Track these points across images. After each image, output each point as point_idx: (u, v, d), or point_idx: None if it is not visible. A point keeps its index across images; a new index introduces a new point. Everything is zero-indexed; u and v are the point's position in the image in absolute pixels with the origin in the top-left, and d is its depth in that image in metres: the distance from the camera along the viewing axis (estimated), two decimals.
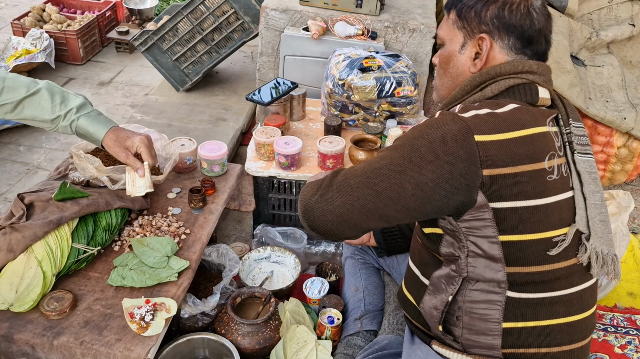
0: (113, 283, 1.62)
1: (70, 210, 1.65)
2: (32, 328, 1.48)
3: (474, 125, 1.12)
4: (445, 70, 1.33)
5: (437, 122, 1.15)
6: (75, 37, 3.73)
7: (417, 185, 1.12)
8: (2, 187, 2.75)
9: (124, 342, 1.46)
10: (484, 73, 1.24)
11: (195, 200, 1.90)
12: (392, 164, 1.15)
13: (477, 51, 1.26)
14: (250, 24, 2.94)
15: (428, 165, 1.11)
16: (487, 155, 1.10)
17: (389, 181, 1.14)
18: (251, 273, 2.07)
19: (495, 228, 1.15)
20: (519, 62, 1.23)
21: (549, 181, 1.16)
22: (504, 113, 1.16)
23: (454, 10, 1.29)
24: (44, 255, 1.56)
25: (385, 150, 1.20)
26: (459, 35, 1.28)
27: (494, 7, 1.23)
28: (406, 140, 1.16)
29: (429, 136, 1.13)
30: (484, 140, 1.11)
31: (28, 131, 3.15)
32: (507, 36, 1.23)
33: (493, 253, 1.18)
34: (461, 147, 1.10)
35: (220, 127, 2.94)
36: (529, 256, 1.18)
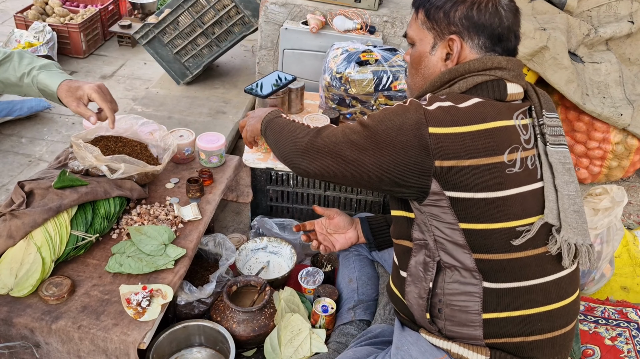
0: (111, 270, 1.65)
1: (69, 198, 1.68)
2: (31, 312, 1.51)
3: (431, 117, 1.17)
4: (416, 70, 1.35)
5: (402, 109, 1.22)
6: (77, 30, 3.76)
7: (375, 163, 1.23)
8: (3, 178, 2.78)
9: (121, 327, 1.49)
10: (453, 70, 1.26)
11: (193, 190, 1.93)
12: (359, 140, 1.25)
13: (447, 51, 1.28)
14: (250, 17, 2.97)
15: (385, 149, 1.21)
16: (439, 147, 1.16)
17: (354, 154, 1.26)
18: (248, 263, 2.10)
19: (454, 216, 1.21)
20: (488, 58, 1.24)
21: (508, 174, 1.19)
22: (466, 107, 1.20)
23: (422, 10, 1.30)
24: (43, 242, 1.59)
25: (360, 124, 1.28)
26: (428, 35, 1.30)
27: (462, 7, 1.24)
28: (374, 120, 1.25)
29: (390, 122, 1.21)
30: (437, 132, 1.16)
31: (30, 123, 3.19)
32: (476, 36, 1.25)
33: (456, 238, 1.24)
34: (414, 137, 1.17)
35: (219, 120, 2.96)
36: (493, 244, 1.22)
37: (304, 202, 2.29)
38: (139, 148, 1.97)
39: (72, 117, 3.29)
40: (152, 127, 2.00)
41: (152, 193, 1.97)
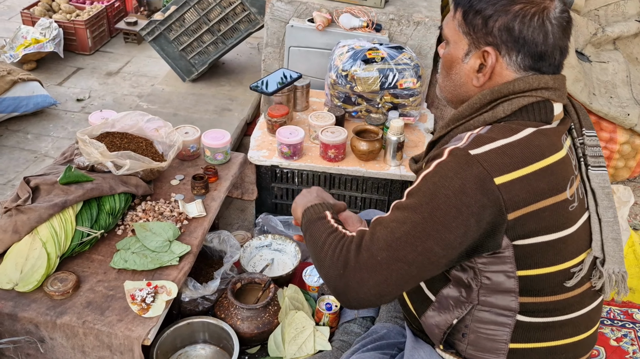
0: (115, 266, 1.65)
1: (74, 194, 1.68)
2: (36, 307, 1.51)
3: (490, 166, 1.03)
4: (447, 73, 1.23)
5: (451, 168, 1.05)
6: (84, 27, 3.76)
7: (446, 245, 1.05)
8: (10, 174, 2.79)
9: (125, 322, 1.49)
10: (496, 91, 1.13)
11: (198, 186, 1.93)
12: (415, 229, 1.05)
13: (481, 62, 1.15)
14: (256, 14, 2.96)
15: (452, 222, 1.03)
16: (510, 197, 1.03)
17: (417, 250, 1.05)
18: (252, 260, 2.10)
19: (513, 264, 1.10)
20: (534, 78, 1.11)
21: (570, 211, 1.11)
22: (520, 142, 1.07)
23: (460, 10, 1.16)
24: (49, 237, 1.60)
25: (403, 209, 1.09)
26: (463, 40, 1.16)
27: (504, 17, 1.09)
28: (423, 197, 1.06)
29: (446, 189, 1.04)
30: (504, 181, 1.03)
31: (36, 119, 3.20)
32: (515, 52, 1.11)
33: (508, 286, 1.13)
34: (483, 195, 1.02)
35: (225, 117, 2.96)
36: (544, 288, 1.14)
37: None
38: (145, 145, 1.97)
39: (78, 114, 3.30)
40: (158, 124, 2.00)
41: (157, 190, 1.97)
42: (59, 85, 3.56)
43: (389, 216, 1.11)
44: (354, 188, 2.22)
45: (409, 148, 2.24)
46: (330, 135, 2.12)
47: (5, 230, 1.61)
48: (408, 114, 2.32)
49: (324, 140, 2.10)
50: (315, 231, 1.22)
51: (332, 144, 2.10)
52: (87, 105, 3.38)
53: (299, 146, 2.13)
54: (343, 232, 1.18)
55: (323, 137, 2.11)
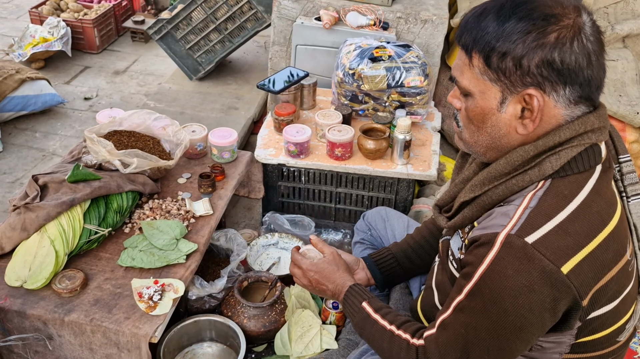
0: (123, 264, 1.65)
1: (82, 192, 1.69)
2: (44, 304, 1.52)
3: (553, 254, 0.93)
4: (479, 127, 1.05)
5: (510, 265, 0.95)
6: (91, 25, 3.78)
7: (522, 341, 0.99)
8: (18, 172, 2.81)
9: (133, 320, 1.49)
10: (541, 145, 0.99)
11: (205, 185, 1.93)
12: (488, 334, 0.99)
13: (523, 106, 0.99)
14: (263, 13, 2.96)
15: (525, 322, 0.96)
16: (581, 282, 0.94)
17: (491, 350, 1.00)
18: (259, 259, 2.10)
19: (572, 336, 1.05)
20: (580, 123, 0.98)
21: (629, 272, 1.04)
22: (579, 213, 0.96)
23: (478, 56, 0.99)
24: (57, 235, 1.60)
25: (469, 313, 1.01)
26: (493, 89, 1.00)
27: (540, 52, 0.93)
28: (487, 302, 0.98)
29: (510, 290, 0.95)
30: (572, 267, 0.93)
31: (44, 118, 3.21)
32: (562, 85, 0.95)
33: (560, 350, 1.08)
34: (553, 289, 0.93)
35: (232, 116, 2.97)
36: (594, 348, 1.09)
37: (315, 199, 2.28)
38: (152, 143, 1.98)
39: (86, 112, 3.31)
40: (165, 122, 2.01)
41: (164, 188, 1.97)
42: (66, 84, 3.57)
43: (454, 319, 1.05)
44: (361, 187, 2.21)
45: (416, 146, 2.23)
46: (337, 134, 2.11)
47: (14, 227, 1.62)
48: (415, 112, 2.31)
49: (331, 138, 2.10)
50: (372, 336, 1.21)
51: (339, 143, 2.09)
52: (94, 103, 3.39)
53: (306, 144, 2.13)
54: (405, 339, 1.14)
55: (330, 136, 2.11)
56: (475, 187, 1.08)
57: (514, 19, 0.95)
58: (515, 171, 1.03)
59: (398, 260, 1.54)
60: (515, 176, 1.02)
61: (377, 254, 1.56)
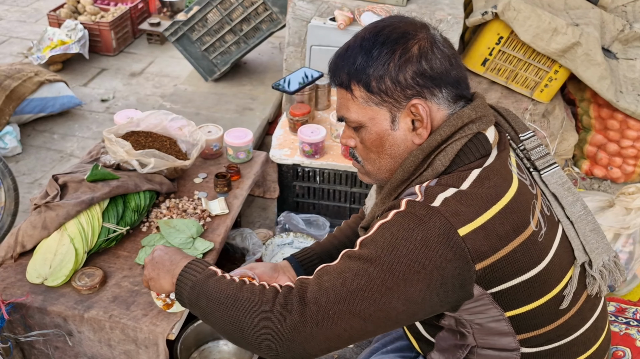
0: (140, 262, 1.67)
1: (101, 191, 1.71)
2: (64, 301, 1.55)
3: (452, 217, 0.97)
4: (379, 153, 1.11)
5: (411, 219, 0.98)
6: (108, 28, 3.83)
7: (407, 301, 0.97)
8: (37, 173, 2.86)
9: (150, 317, 1.51)
10: (426, 146, 1.06)
11: (221, 184, 1.95)
12: (373, 283, 0.97)
13: (412, 118, 1.06)
14: (278, 14, 2.98)
15: (414, 276, 0.96)
16: (476, 248, 0.97)
17: (375, 304, 0.97)
18: (274, 258, 2.11)
19: (498, 308, 1.05)
20: (456, 117, 1.06)
21: (541, 242, 1.05)
22: (472, 189, 1.02)
23: (358, 86, 1.06)
24: (76, 233, 1.63)
25: (357, 260, 1.00)
26: (381, 111, 1.06)
27: (410, 65, 1.03)
28: (381, 249, 0.98)
29: (407, 242, 0.97)
30: (468, 231, 0.97)
31: (62, 119, 3.26)
32: (437, 89, 1.05)
33: (501, 328, 1.09)
34: (448, 249, 0.96)
35: (247, 117, 2.99)
36: (540, 321, 1.10)
37: (330, 199, 2.29)
38: (169, 143, 2.00)
39: (102, 114, 3.35)
40: (181, 123, 2.03)
41: (180, 188, 1.99)
42: (84, 86, 3.62)
43: (339, 266, 1.02)
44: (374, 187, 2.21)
45: None
46: None
47: (35, 226, 1.65)
48: None
49: None
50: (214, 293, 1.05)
51: None
52: (111, 105, 3.44)
53: (321, 144, 2.14)
54: (261, 284, 1.06)
55: None
56: (385, 199, 1.13)
57: (377, 45, 1.04)
58: (413, 175, 1.08)
59: (322, 260, 1.45)
60: (414, 180, 1.08)
61: (301, 254, 1.48)
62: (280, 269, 1.40)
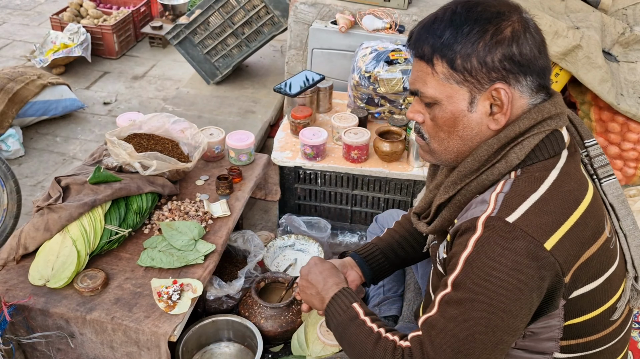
0: (143, 264, 1.68)
1: (103, 193, 1.72)
2: (66, 303, 1.55)
3: (535, 231, 0.94)
4: (450, 133, 1.08)
5: (495, 245, 0.95)
6: (110, 31, 3.84)
7: (513, 329, 0.97)
8: (39, 176, 2.86)
9: (152, 319, 1.52)
10: (503, 137, 1.03)
11: (223, 187, 1.96)
12: (479, 326, 0.96)
13: (491, 102, 1.03)
14: (279, 17, 2.99)
15: (515, 305, 0.94)
16: (564, 259, 0.95)
17: (488, 346, 0.97)
18: (275, 260, 2.11)
19: (561, 317, 1.04)
20: (537, 111, 1.03)
21: (611, 249, 1.04)
22: (551, 193, 0.98)
23: (441, 61, 1.03)
24: (79, 235, 1.64)
25: (457, 305, 0.98)
26: (460, 90, 1.03)
27: (500, 47, 0.99)
28: (476, 287, 0.96)
29: (498, 272, 0.94)
30: (554, 243, 0.94)
31: (64, 122, 3.27)
32: (522, 76, 1.01)
33: (551, 335, 1.07)
34: (539, 267, 0.93)
35: (248, 119, 3.00)
36: (591, 330, 1.08)
37: (331, 201, 2.30)
38: (171, 146, 2.01)
39: (105, 117, 3.37)
40: (184, 125, 2.04)
41: (182, 190, 2.00)
42: (86, 89, 3.64)
43: (441, 316, 1.00)
44: (377, 189, 2.22)
45: None
46: (353, 136, 2.13)
47: (38, 228, 1.65)
48: None
49: (347, 141, 2.11)
50: (355, 338, 1.12)
51: (355, 145, 2.11)
52: (113, 108, 3.45)
53: (322, 147, 2.15)
54: (392, 340, 1.07)
55: (346, 138, 2.12)
56: (449, 188, 1.10)
57: (469, 22, 1.01)
58: (484, 166, 1.05)
59: (385, 255, 1.50)
60: (484, 171, 1.05)
61: (364, 250, 1.51)
62: (348, 265, 1.45)
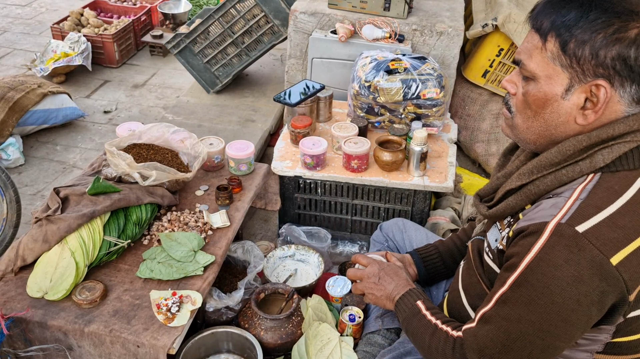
0: (142, 275, 1.67)
1: (102, 204, 1.71)
2: (65, 315, 1.54)
3: (604, 245, 0.92)
4: (536, 113, 1.05)
5: (560, 254, 0.94)
6: (111, 40, 3.85)
7: (568, 339, 0.98)
8: (39, 185, 2.86)
9: (151, 331, 1.51)
10: (594, 136, 0.99)
11: (222, 197, 1.95)
12: (533, 328, 0.98)
13: (587, 97, 1.00)
14: (279, 27, 3.00)
15: (572, 315, 0.95)
16: (630, 276, 0.93)
17: (538, 349, 0.99)
18: (275, 271, 2.10)
19: (610, 333, 1.03)
20: (635, 119, 0.98)
21: None
22: (629, 207, 0.96)
23: (555, 40, 0.99)
24: (77, 247, 1.63)
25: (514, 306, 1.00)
26: (562, 74, 1.00)
27: (618, 45, 0.94)
28: (534, 291, 0.97)
29: (559, 280, 0.93)
30: (622, 259, 0.92)
31: (65, 131, 3.27)
32: (629, 82, 0.96)
33: (592, 348, 1.06)
34: (602, 281, 0.92)
35: (248, 128, 2.99)
36: (629, 351, 1.07)
37: (332, 210, 2.29)
38: (170, 156, 2.00)
39: (105, 125, 3.37)
40: (183, 135, 2.03)
41: (182, 200, 1.99)
42: (87, 98, 3.64)
43: (496, 313, 1.03)
44: (377, 199, 2.21)
45: (432, 158, 2.23)
46: (353, 146, 2.12)
47: (36, 239, 1.65)
48: (431, 124, 2.31)
49: (347, 150, 2.11)
50: (416, 330, 1.24)
51: (355, 155, 2.10)
52: (114, 117, 3.45)
53: (322, 157, 2.14)
54: (445, 331, 1.17)
55: (346, 148, 2.11)
56: (524, 175, 1.08)
57: (598, 9, 0.96)
58: (566, 161, 1.02)
59: (443, 258, 1.57)
60: (566, 166, 1.02)
61: (424, 250, 1.59)
62: (406, 262, 1.58)
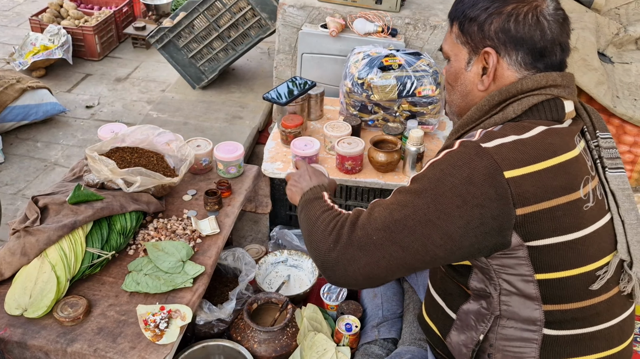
0: (127, 289, 1.59)
1: (84, 214, 1.62)
2: (46, 334, 1.46)
3: (501, 159, 1.02)
4: (453, 87, 1.24)
5: (460, 157, 1.04)
6: (92, 33, 3.72)
7: (445, 235, 1.02)
8: (20, 183, 2.75)
9: (138, 350, 1.43)
10: (504, 91, 1.13)
11: (211, 202, 1.87)
12: (416, 214, 1.04)
13: (483, 65, 1.16)
14: (267, 20, 2.90)
15: (455, 211, 1.01)
16: (519, 192, 1.01)
17: (415, 234, 1.03)
18: (268, 277, 2.03)
19: (530, 267, 1.07)
20: (542, 76, 1.11)
21: (585, 211, 1.08)
22: (532, 139, 1.06)
23: (456, 24, 1.19)
24: (58, 260, 1.54)
25: (406, 193, 1.08)
26: (463, 50, 1.18)
27: (498, 19, 1.11)
28: (428, 182, 1.06)
29: (453, 177, 1.03)
30: (514, 175, 1.01)
31: (46, 127, 3.16)
32: (514, 51, 1.12)
33: (528, 291, 1.10)
34: (491, 187, 1.01)
35: (236, 126, 2.90)
36: (568, 294, 1.11)
37: None
38: (156, 159, 1.91)
39: (88, 121, 3.25)
40: (169, 137, 1.94)
41: (169, 206, 1.91)
42: (68, 92, 3.52)
43: (389, 199, 1.11)
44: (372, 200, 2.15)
45: (429, 157, 2.16)
46: (347, 146, 2.05)
47: (14, 252, 1.55)
48: (427, 122, 2.24)
49: (341, 151, 2.03)
50: (311, 209, 1.24)
51: (348, 156, 2.03)
52: (96, 111, 3.34)
53: (315, 158, 2.06)
54: (339, 211, 1.20)
55: (339, 149, 2.04)
56: (452, 135, 1.22)
57: None
58: (484, 116, 1.15)
59: None
60: (483, 121, 1.15)
61: None
62: None
